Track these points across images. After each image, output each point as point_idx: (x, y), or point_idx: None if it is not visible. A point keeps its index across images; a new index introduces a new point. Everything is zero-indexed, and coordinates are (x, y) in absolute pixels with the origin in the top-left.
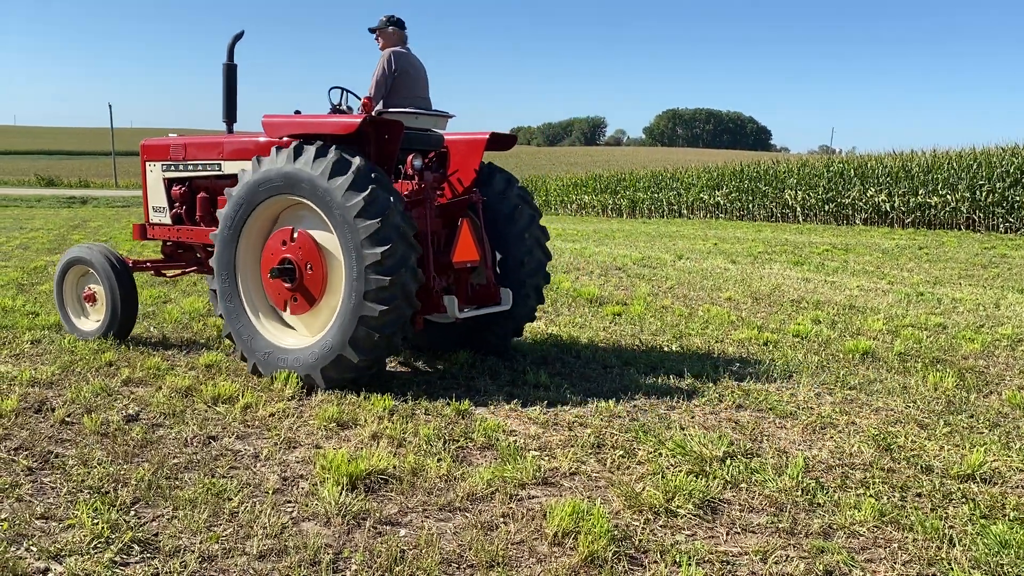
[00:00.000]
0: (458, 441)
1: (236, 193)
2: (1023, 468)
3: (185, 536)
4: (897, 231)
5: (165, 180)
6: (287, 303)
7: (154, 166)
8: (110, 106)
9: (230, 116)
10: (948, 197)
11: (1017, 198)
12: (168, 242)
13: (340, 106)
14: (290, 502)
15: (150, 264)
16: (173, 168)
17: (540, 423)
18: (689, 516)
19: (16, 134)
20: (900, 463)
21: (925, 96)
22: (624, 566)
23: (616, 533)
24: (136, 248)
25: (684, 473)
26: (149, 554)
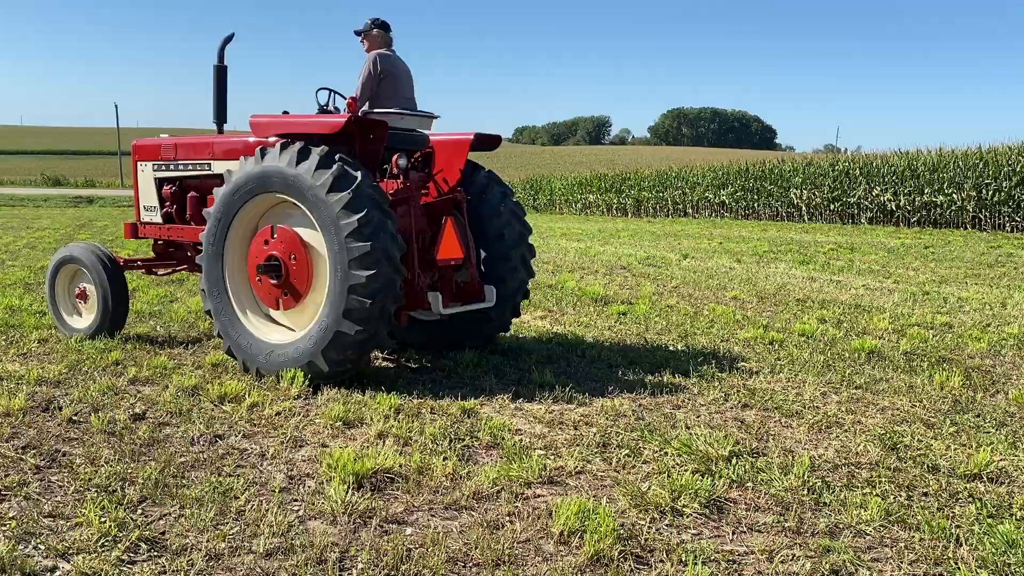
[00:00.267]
0: (464, 440)
1: (221, 193)
2: None
3: (192, 534)
4: (903, 230)
5: (156, 180)
6: (278, 300)
7: (145, 166)
8: (116, 106)
9: (220, 117)
10: (954, 196)
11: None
12: (159, 241)
13: (327, 107)
14: (296, 501)
15: (141, 262)
16: (164, 168)
17: (546, 422)
18: (695, 515)
19: (23, 134)
20: (906, 462)
21: (931, 95)
22: (630, 565)
23: (622, 532)
24: (142, 248)
25: (690, 472)
26: (156, 552)
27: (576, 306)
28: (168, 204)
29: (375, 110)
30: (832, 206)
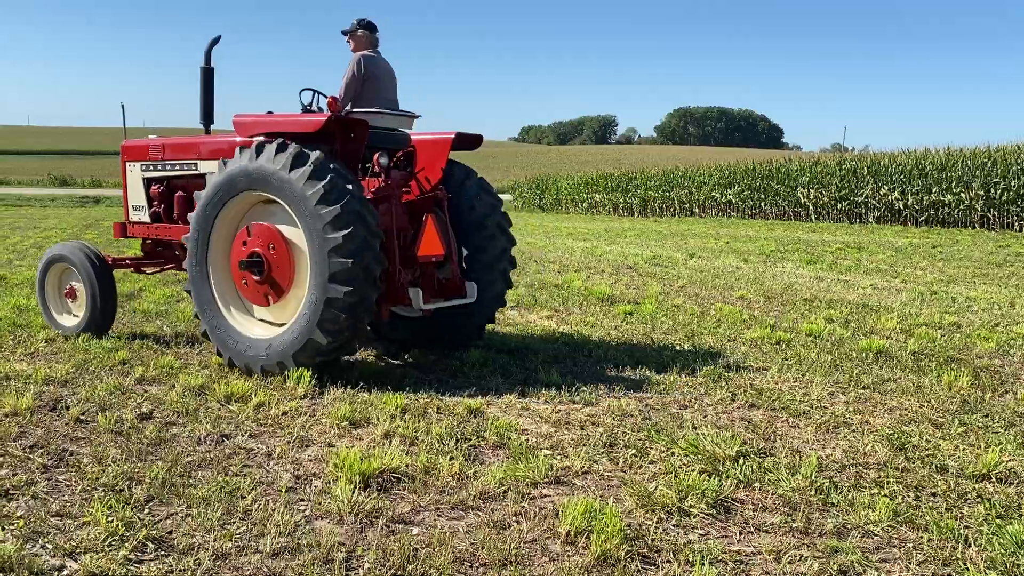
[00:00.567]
0: (470, 440)
1: (204, 194)
2: None
3: (199, 534)
4: (910, 229)
5: (144, 180)
6: (266, 296)
7: (134, 166)
8: (123, 106)
9: (207, 117)
10: (962, 195)
11: None
12: (148, 240)
13: (311, 106)
14: (303, 500)
15: (130, 261)
16: (152, 168)
17: (552, 422)
18: (702, 515)
19: (30, 134)
20: (915, 463)
21: (938, 94)
22: (637, 565)
23: (629, 532)
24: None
25: (697, 472)
26: (163, 552)
27: (582, 306)
28: (156, 204)
29: (357, 109)
30: (839, 205)
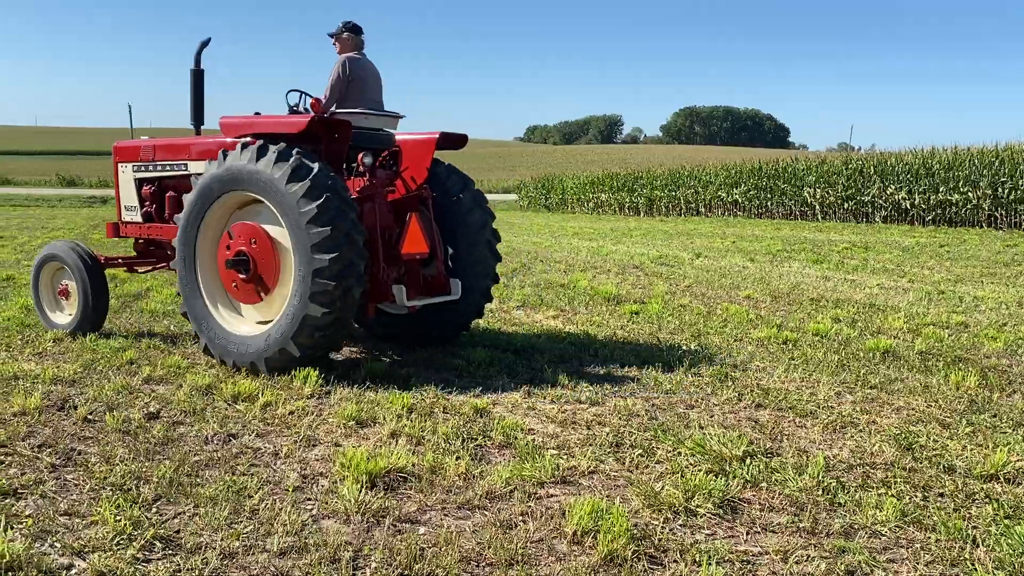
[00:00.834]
0: (476, 439)
1: (191, 195)
2: None
3: (206, 533)
4: (917, 229)
5: (136, 180)
6: (254, 294)
7: (126, 167)
8: (130, 106)
9: (198, 119)
10: (969, 194)
11: None
12: (140, 239)
13: (297, 108)
14: (310, 500)
15: (122, 260)
16: (143, 169)
17: (558, 422)
18: (709, 515)
19: (38, 135)
20: (922, 463)
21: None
22: (644, 565)
23: (635, 532)
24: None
25: (704, 472)
26: (171, 551)
27: (588, 305)
28: (148, 204)
29: (342, 110)
30: (846, 205)
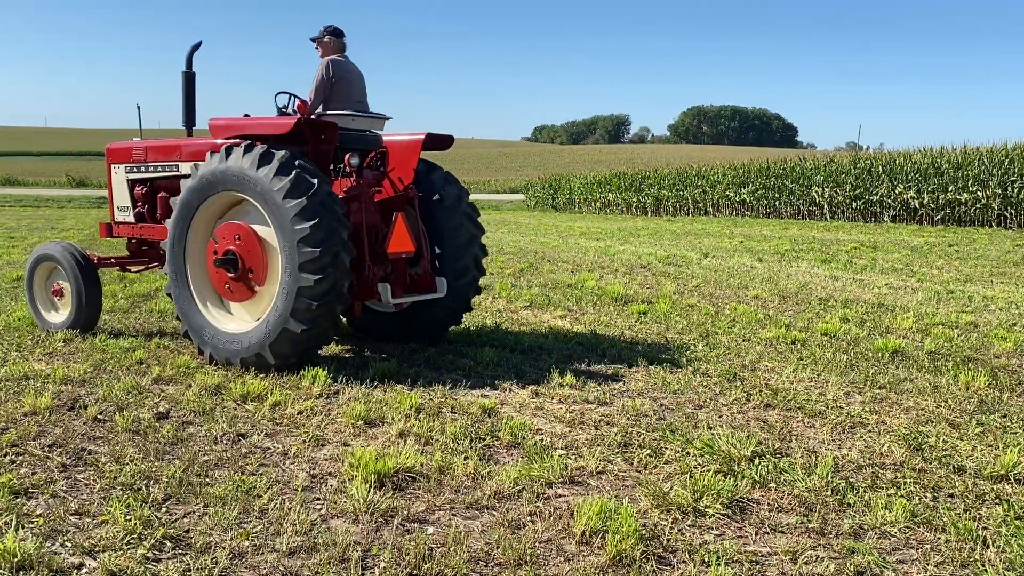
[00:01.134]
0: (485, 439)
1: (180, 198)
2: None
3: (216, 532)
4: (926, 228)
5: (128, 181)
6: (243, 292)
7: (118, 168)
8: (138, 107)
9: (189, 120)
10: (979, 194)
11: None
12: (132, 239)
13: (286, 109)
14: (319, 499)
15: (115, 260)
16: (136, 170)
17: (566, 422)
18: (717, 516)
19: (47, 135)
20: (932, 463)
21: (955, 92)
22: (652, 566)
23: (644, 532)
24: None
25: (712, 472)
26: (181, 550)
27: (596, 305)
28: (140, 204)
29: (328, 112)
30: (854, 204)
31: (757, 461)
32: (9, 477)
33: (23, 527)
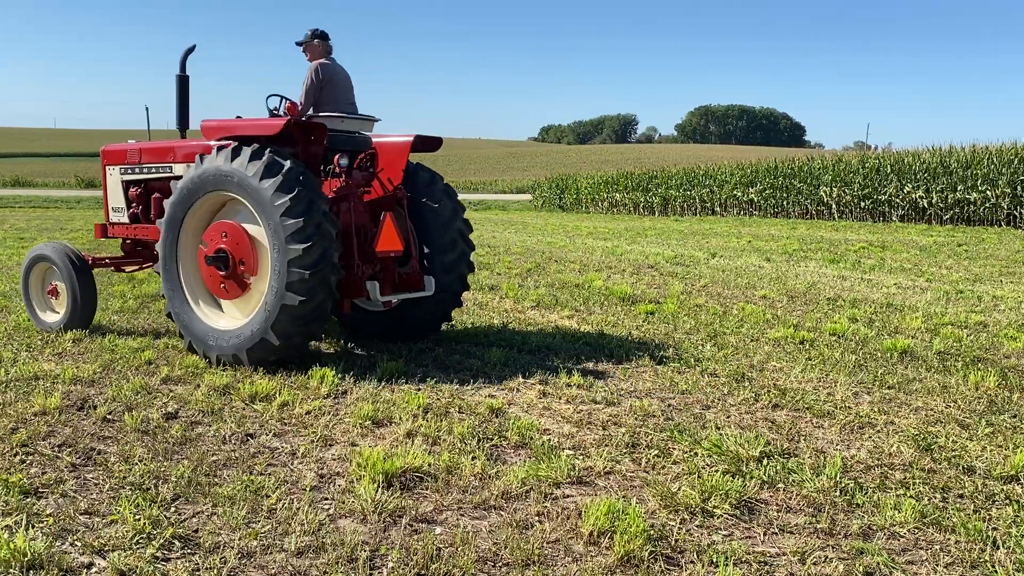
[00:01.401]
0: (492, 440)
1: (171, 199)
2: None
3: (224, 532)
4: (935, 228)
5: (123, 183)
6: (234, 289)
7: (113, 170)
8: (147, 108)
9: (183, 123)
10: (988, 193)
11: None
12: (127, 240)
13: (277, 111)
14: (327, 499)
15: (109, 260)
16: (130, 171)
17: (574, 422)
18: (726, 516)
19: (57, 136)
20: (941, 464)
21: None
22: (660, 566)
23: (652, 533)
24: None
25: (720, 473)
26: (189, 550)
27: (603, 305)
28: (134, 205)
29: (320, 114)
30: (863, 204)
31: (765, 461)
32: (19, 477)
33: (33, 526)
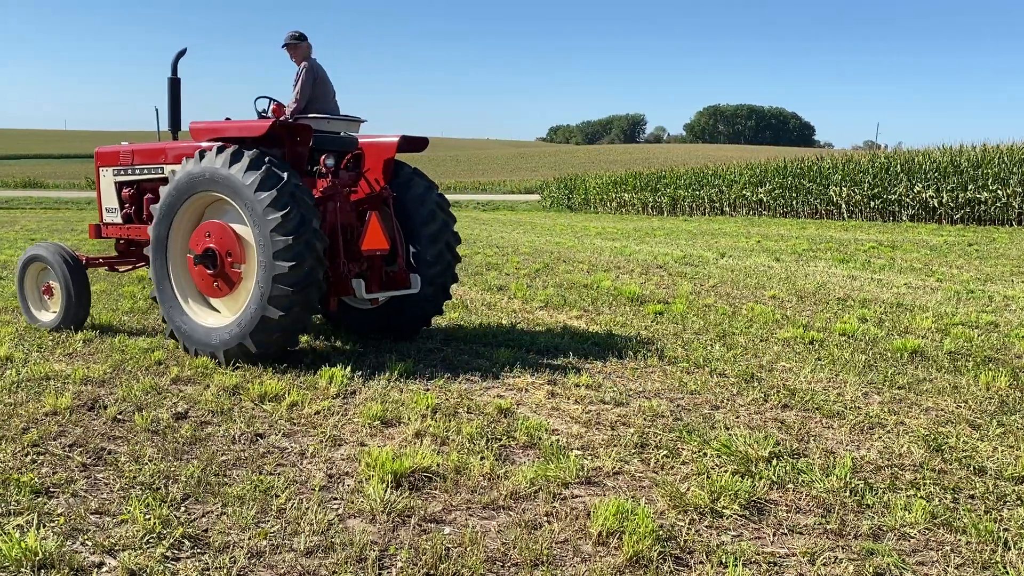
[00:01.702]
0: (501, 440)
1: (160, 202)
2: None
3: (234, 532)
4: (945, 227)
5: (116, 184)
6: (221, 287)
7: (106, 171)
8: (156, 110)
9: (175, 125)
10: (999, 192)
11: None
12: (120, 240)
13: (265, 113)
14: (336, 499)
15: (103, 260)
16: (123, 173)
17: (582, 422)
18: (735, 516)
19: (67, 138)
20: (952, 464)
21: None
22: (669, 566)
23: (661, 533)
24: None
25: (729, 473)
26: (199, 549)
27: (612, 306)
28: (127, 206)
29: (308, 115)
30: (872, 203)
31: (775, 462)
32: (30, 476)
33: (44, 526)
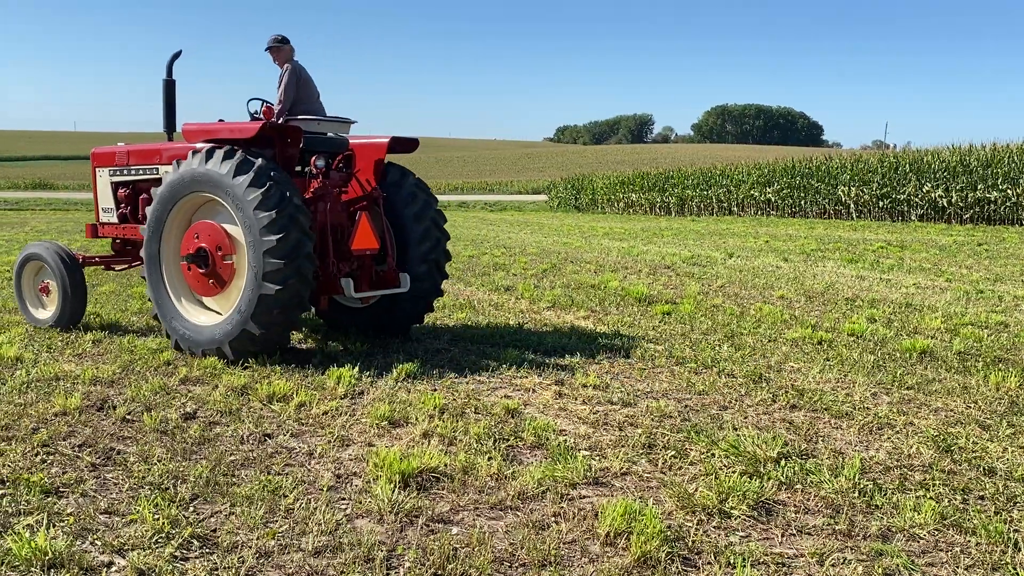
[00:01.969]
0: (508, 440)
1: (154, 203)
2: None
3: (242, 532)
4: (955, 227)
5: (112, 184)
6: (214, 286)
7: (103, 172)
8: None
9: (170, 126)
10: (1009, 192)
11: None
12: (116, 239)
13: (258, 115)
14: (344, 499)
15: (99, 259)
16: (119, 173)
17: (590, 423)
18: (743, 517)
19: (76, 140)
20: (961, 465)
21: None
22: (677, 567)
23: (669, 534)
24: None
25: (738, 474)
26: (208, 549)
27: (619, 306)
28: (123, 206)
29: (299, 116)
30: (881, 203)
31: (783, 462)
32: (40, 476)
33: (54, 526)
